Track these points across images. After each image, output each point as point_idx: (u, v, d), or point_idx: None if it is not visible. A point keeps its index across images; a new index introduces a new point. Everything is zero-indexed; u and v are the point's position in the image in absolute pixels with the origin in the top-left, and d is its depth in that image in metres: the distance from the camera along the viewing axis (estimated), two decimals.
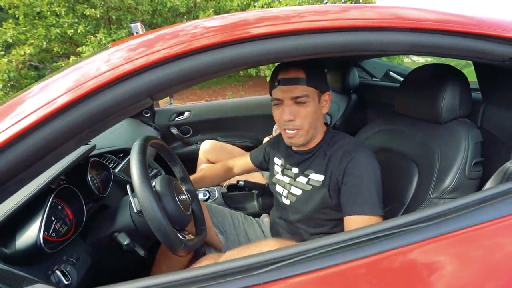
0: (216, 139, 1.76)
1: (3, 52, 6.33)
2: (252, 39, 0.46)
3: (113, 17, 6.64)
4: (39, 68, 8.58)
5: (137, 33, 0.82)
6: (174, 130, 1.79)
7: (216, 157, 1.54)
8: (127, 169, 1.06)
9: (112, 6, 6.34)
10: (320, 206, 0.72)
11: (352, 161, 0.68)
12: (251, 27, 0.46)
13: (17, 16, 6.33)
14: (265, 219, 1.00)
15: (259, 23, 0.47)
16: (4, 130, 0.35)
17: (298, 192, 0.77)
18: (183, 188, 0.79)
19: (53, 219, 0.57)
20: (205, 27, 0.47)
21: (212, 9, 7.16)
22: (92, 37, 6.43)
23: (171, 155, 0.82)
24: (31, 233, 0.50)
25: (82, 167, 0.76)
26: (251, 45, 0.45)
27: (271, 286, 0.37)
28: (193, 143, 1.84)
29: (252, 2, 7.59)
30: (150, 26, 7.38)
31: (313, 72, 0.69)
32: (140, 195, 0.54)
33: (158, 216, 0.53)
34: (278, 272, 0.38)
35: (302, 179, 0.76)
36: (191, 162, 1.51)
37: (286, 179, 0.81)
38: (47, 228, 0.54)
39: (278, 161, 0.86)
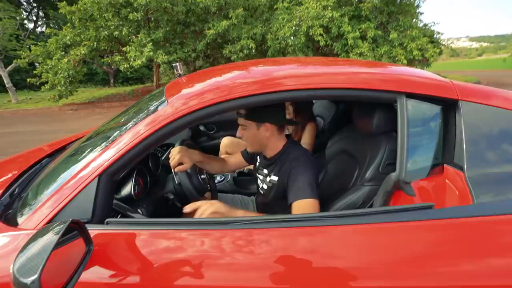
0: (234, 136, 2.21)
1: (63, 53, 7.39)
2: (269, 93, 0.81)
3: (152, 18, 7.34)
4: (88, 64, 9.73)
5: (179, 74, 1.24)
6: (202, 127, 2.28)
7: (233, 150, 1.99)
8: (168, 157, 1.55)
9: (150, 8, 7.02)
10: (276, 198, 1.05)
11: (294, 168, 0.97)
12: (273, 83, 0.82)
13: (73, 20, 7.31)
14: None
15: (277, 81, 0.83)
16: (124, 146, 0.80)
17: (265, 186, 1.10)
18: (204, 171, 1.25)
19: (135, 184, 1.05)
20: (237, 83, 0.85)
21: (242, 7, 7.52)
22: (134, 37, 7.22)
23: (194, 147, 1.29)
24: (128, 188, 0.99)
25: (146, 156, 1.24)
26: (270, 95, 0.80)
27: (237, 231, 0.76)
28: (217, 138, 2.31)
29: None
30: (184, 24, 8.00)
31: (254, 110, 0.98)
32: (179, 175, 1.00)
33: (188, 186, 0.99)
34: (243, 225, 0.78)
35: (267, 179, 1.08)
36: (214, 153, 1.98)
37: (260, 176, 1.17)
38: (133, 187, 1.03)
39: (257, 161, 1.20)
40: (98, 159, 0.80)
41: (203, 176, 1.17)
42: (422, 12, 8.64)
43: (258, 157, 1.20)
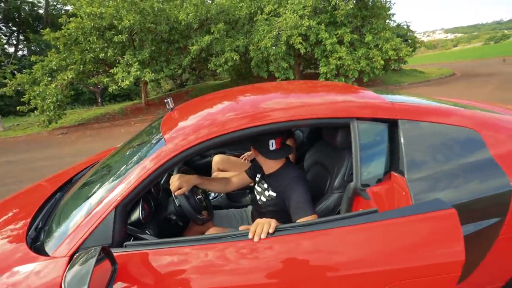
0: (225, 152, 2.40)
1: (50, 78, 7.47)
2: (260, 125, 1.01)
3: (136, 39, 7.51)
4: (74, 85, 9.75)
5: (171, 108, 1.43)
6: None
7: (224, 166, 2.18)
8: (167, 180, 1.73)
9: (134, 29, 7.20)
10: (272, 211, 1.22)
11: (292, 188, 1.14)
12: (261, 116, 1.02)
13: (58, 46, 7.41)
14: (249, 208, 1.62)
15: (263, 114, 1.02)
16: (135, 181, 0.98)
17: (264, 199, 1.27)
18: (200, 191, 1.44)
19: (141, 209, 1.23)
20: (228, 117, 1.04)
21: (223, 21, 7.79)
22: (120, 58, 7.37)
23: (191, 173, 1.48)
24: (137, 214, 1.18)
25: None
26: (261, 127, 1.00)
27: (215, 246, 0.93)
28: (208, 156, 2.50)
29: (258, 11, 8.08)
30: (168, 41, 8.20)
31: (254, 141, 1.21)
32: (179, 198, 1.19)
33: (187, 207, 1.19)
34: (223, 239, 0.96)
35: (266, 192, 1.25)
36: (207, 170, 2.17)
37: (259, 189, 1.36)
38: (141, 212, 1.21)
39: (258, 176, 1.39)
40: (113, 193, 0.98)
41: (198, 197, 1.36)
42: (394, 13, 9.11)
43: (257, 173, 1.36)
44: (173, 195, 1.27)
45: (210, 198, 1.78)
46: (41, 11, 17.85)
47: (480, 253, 1.03)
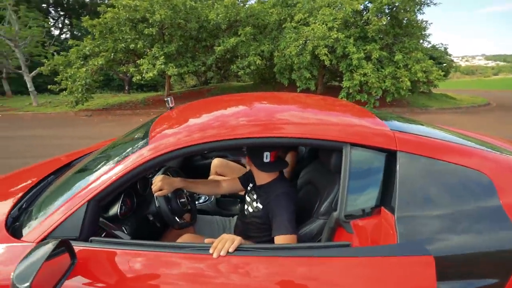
0: (226, 157, 2.38)
1: (82, 62, 7.89)
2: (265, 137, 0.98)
3: (166, 33, 7.76)
4: (105, 71, 10.28)
5: (170, 108, 1.43)
6: None
7: (222, 171, 2.16)
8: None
9: (165, 24, 7.44)
10: (257, 221, 1.21)
11: (278, 204, 1.11)
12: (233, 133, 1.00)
13: (94, 33, 7.83)
14: (235, 218, 1.57)
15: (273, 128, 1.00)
16: (109, 178, 0.99)
17: (251, 210, 1.24)
18: (185, 194, 1.42)
19: (122, 204, 1.23)
20: (214, 126, 1.03)
21: (251, 25, 7.86)
22: (148, 50, 7.64)
23: (179, 174, 1.46)
24: (115, 209, 1.17)
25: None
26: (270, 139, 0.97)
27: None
28: (210, 158, 2.49)
29: (288, 18, 8.08)
30: (196, 39, 8.40)
31: (250, 154, 1.21)
32: (158, 200, 1.18)
33: (165, 209, 1.17)
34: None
35: (254, 203, 1.23)
36: (206, 171, 2.16)
37: (248, 199, 1.33)
38: (120, 207, 1.20)
39: (250, 185, 1.35)
40: (89, 187, 0.98)
41: (182, 200, 1.34)
42: (430, 33, 8.74)
43: (250, 182, 1.34)
44: (154, 196, 1.26)
45: (200, 201, 1.76)
46: None
47: None
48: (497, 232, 0.90)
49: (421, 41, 8.49)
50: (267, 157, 1.15)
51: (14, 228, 1.07)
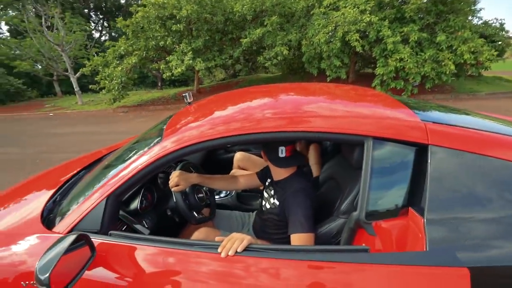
0: (250, 150, 2.36)
1: (118, 62, 8.39)
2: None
3: (193, 29, 7.89)
4: (140, 68, 10.84)
5: (189, 103, 1.43)
6: None
7: (244, 165, 2.14)
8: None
9: (192, 19, 7.56)
10: (274, 218, 1.17)
11: (294, 201, 1.07)
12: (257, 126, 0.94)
13: (127, 33, 8.24)
14: (255, 213, 1.55)
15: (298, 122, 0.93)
16: (127, 175, 1.01)
17: (268, 206, 1.22)
18: (204, 188, 1.42)
19: (143, 199, 1.27)
20: (229, 121, 0.99)
21: (278, 14, 7.64)
22: (177, 46, 7.86)
23: (199, 172, 1.47)
24: (136, 203, 1.22)
25: (156, 174, 1.46)
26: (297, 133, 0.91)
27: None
28: (233, 151, 2.49)
29: (316, 4, 7.70)
30: (223, 32, 8.42)
31: (265, 148, 1.17)
32: (175, 195, 1.19)
33: (181, 205, 1.18)
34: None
35: (271, 200, 1.21)
36: (229, 165, 2.16)
37: (266, 195, 1.30)
38: (141, 202, 1.25)
39: (267, 182, 1.33)
40: (109, 182, 1.02)
41: (200, 195, 1.35)
42: (481, 8, 7.70)
43: (268, 178, 1.31)
44: (173, 191, 1.28)
45: (222, 196, 1.76)
46: (122, 1, 20.10)
47: None
48: None
49: (470, 17, 7.55)
50: (282, 152, 1.10)
51: (49, 219, 1.16)
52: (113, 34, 21.12)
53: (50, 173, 1.79)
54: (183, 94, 1.47)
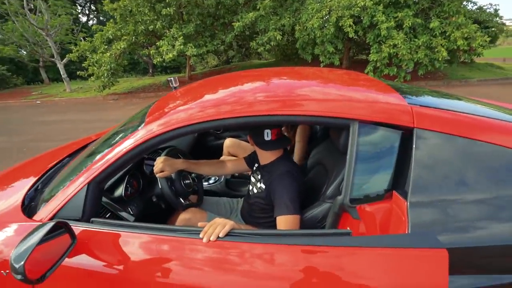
0: (240, 136, 2.33)
1: (106, 47, 8.10)
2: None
3: (183, 13, 7.62)
4: (130, 55, 10.51)
5: (174, 88, 1.38)
6: None
7: (234, 151, 2.12)
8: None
9: (182, 3, 7.29)
10: (261, 202, 1.18)
11: (280, 183, 1.07)
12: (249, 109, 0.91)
13: (115, 16, 7.92)
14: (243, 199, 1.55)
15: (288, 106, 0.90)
16: (107, 161, 0.97)
17: (255, 190, 1.23)
18: (191, 175, 1.40)
19: (128, 185, 1.25)
20: (214, 105, 0.95)
21: None
22: (167, 31, 7.61)
23: (186, 157, 1.44)
24: (120, 190, 1.19)
25: (141, 160, 1.43)
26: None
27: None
28: (223, 138, 2.46)
29: None
30: (214, 16, 8.17)
31: (252, 132, 1.16)
32: (160, 181, 1.17)
33: (166, 191, 1.16)
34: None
35: (258, 184, 1.22)
36: (219, 152, 2.14)
37: (253, 179, 1.29)
38: (125, 189, 1.22)
39: (255, 166, 1.32)
40: (89, 170, 0.99)
41: (187, 181, 1.33)
42: None
43: (255, 162, 1.31)
44: (157, 177, 1.26)
45: (210, 182, 1.75)
46: None
47: None
48: None
49: (464, 2, 7.45)
50: (268, 135, 1.09)
51: (30, 207, 1.13)
52: (101, 18, 20.30)
53: (35, 161, 1.74)
54: (168, 79, 1.43)
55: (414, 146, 0.86)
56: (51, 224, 0.80)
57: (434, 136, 0.87)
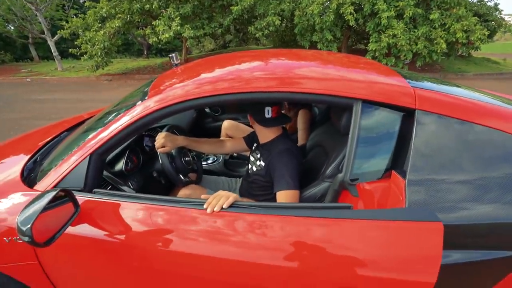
0: (238, 119, 2.33)
1: (100, 25, 7.81)
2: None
3: None
4: (125, 35, 10.16)
5: (175, 64, 1.36)
6: (207, 109, 2.43)
7: (232, 133, 2.13)
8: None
9: None
10: (260, 179, 1.21)
11: (279, 160, 1.10)
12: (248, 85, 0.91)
13: None
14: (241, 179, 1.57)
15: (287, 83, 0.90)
16: (109, 133, 0.97)
17: (254, 169, 1.28)
18: (191, 153, 1.41)
19: (128, 160, 1.25)
20: (217, 81, 0.95)
21: None
22: (164, 11, 7.35)
23: (184, 133, 1.44)
24: (121, 165, 1.20)
25: (141, 136, 1.43)
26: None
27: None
28: (221, 120, 2.45)
29: None
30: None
31: (252, 110, 1.17)
32: (161, 156, 1.17)
33: (167, 166, 1.17)
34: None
35: (257, 162, 1.27)
36: (217, 134, 2.14)
37: (252, 158, 1.32)
38: (126, 163, 1.23)
39: (255, 145, 1.35)
40: (91, 141, 0.99)
41: (187, 158, 1.34)
42: None
43: (254, 142, 1.34)
44: (158, 153, 1.26)
45: (209, 162, 1.76)
46: None
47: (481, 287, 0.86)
48: None
49: None
50: (268, 112, 1.11)
51: (30, 179, 1.13)
52: None
53: (30, 135, 1.72)
54: (170, 55, 1.40)
55: (415, 127, 0.88)
56: (55, 191, 0.81)
57: (434, 118, 0.89)
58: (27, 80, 9.31)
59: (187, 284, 0.88)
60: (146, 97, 1.01)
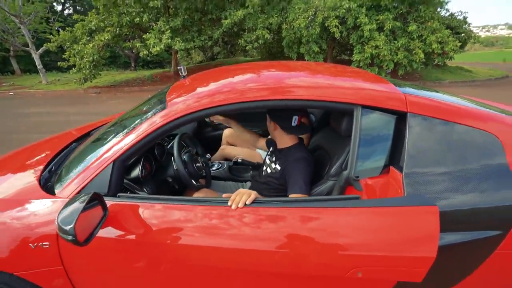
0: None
1: (88, 38, 7.81)
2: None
3: (170, 6, 7.51)
4: (111, 47, 10.14)
5: (183, 76, 1.46)
6: (207, 119, 2.51)
7: (233, 141, 2.22)
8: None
9: None
10: (274, 181, 1.29)
11: (295, 167, 1.20)
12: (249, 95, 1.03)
13: (98, 7, 7.65)
14: (248, 184, 1.66)
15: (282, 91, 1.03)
16: (131, 141, 1.04)
17: (269, 170, 1.34)
18: (201, 159, 1.49)
19: (142, 168, 1.31)
20: (231, 90, 1.06)
21: None
22: (154, 24, 7.47)
23: (195, 143, 1.52)
24: (137, 171, 1.26)
25: (152, 146, 1.50)
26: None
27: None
28: (220, 129, 2.54)
29: None
30: (202, 12, 8.13)
31: (277, 115, 1.28)
32: (176, 163, 1.25)
33: (182, 172, 1.24)
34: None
35: (272, 165, 1.34)
36: (217, 142, 2.22)
37: (268, 161, 1.41)
38: (141, 171, 1.29)
39: (270, 150, 1.44)
40: (114, 148, 1.05)
41: (198, 164, 1.41)
42: (448, 0, 8.17)
43: (271, 146, 1.44)
44: (172, 159, 1.33)
45: (213, 168, 1.84)
46: None
47: (471, 264, 0.99)
48: (501, 188, 0.94)
49: (438, 9, 7.99)
50: (295, 120, 1.23)
51: (47, 187, 1.16)
52: (77, 7, 19.36)
53: (29, 149, 1.74)
54: (178, 67, 1.49)
55: (407, 128, 1.01)
56: (90, 194, 0.87)
57: (423, 119, 1.03)
58: (10, 93, 9.07)
59: (219, 275, 0.95)
60: (166, 106, 1.09)
